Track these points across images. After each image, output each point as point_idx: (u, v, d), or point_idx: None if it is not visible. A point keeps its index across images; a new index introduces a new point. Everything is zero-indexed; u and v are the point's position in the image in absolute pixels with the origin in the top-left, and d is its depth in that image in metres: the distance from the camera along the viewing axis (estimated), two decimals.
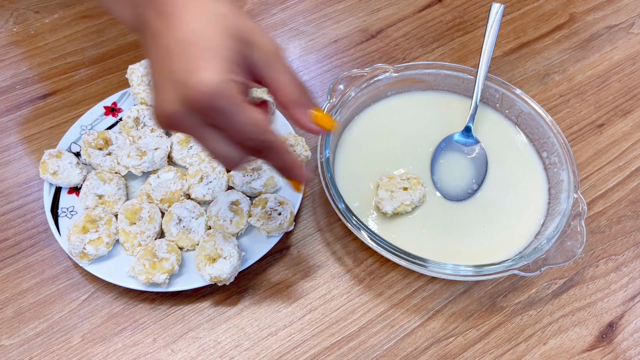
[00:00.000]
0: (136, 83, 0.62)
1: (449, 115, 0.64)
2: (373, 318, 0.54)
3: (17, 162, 0.62)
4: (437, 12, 0.79)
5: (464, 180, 0.59)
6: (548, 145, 0.60)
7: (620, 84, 0.72)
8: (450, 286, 0.56)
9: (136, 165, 0.57)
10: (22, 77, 0.69)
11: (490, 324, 0.54)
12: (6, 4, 0.76)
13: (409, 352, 0.52)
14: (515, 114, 0.63)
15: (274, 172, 0.58)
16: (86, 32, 0.74)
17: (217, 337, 0.52)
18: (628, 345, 0.54)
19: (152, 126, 0.61)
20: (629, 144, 0.67)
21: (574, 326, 0.54)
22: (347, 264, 0.57)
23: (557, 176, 0.58)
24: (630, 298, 0.56)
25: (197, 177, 0.57)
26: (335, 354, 0.52)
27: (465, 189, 0.59)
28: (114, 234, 0.54)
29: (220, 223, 0.55)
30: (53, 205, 0.56)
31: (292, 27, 0.76)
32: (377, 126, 0.63)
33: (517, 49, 0.76)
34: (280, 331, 0.53)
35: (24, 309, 0.53)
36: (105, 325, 0.52)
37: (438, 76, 0.65)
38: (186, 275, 0.53)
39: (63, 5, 0.76)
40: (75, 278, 0.55)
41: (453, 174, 0.60)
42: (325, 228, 0.59)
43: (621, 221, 0.61)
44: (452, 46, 0.75)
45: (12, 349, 0.51)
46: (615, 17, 0.80)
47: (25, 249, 0.56)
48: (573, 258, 0.51)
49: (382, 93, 0.64)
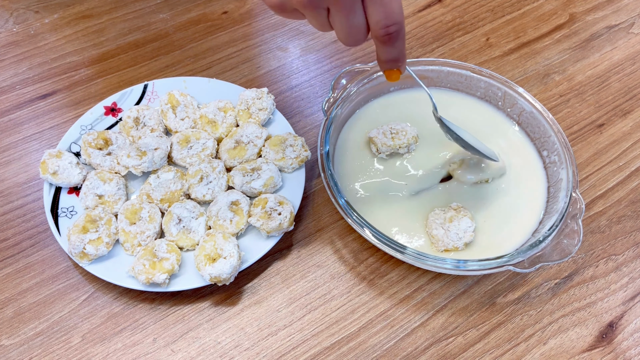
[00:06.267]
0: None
1: (450, 113, 0.64)
2: (373, 318, 0.54)
3: (17, 162, 0.62)
4: (437, 12, 0.79)
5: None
6: (548, 144, 0.60)
7: (620, 84, 0.72)
8: (450, 286, 0.56)
9: (136, 165, 0.57)
10: (22, 77, 0.69)
11: (490, 324, 0.54)
12: (6, 4, 0.76)
13: (409, 352, 0.52)
14: (517, 113, 0.63)
15: (273, 172, 0.58)
16: (86, 32, 0.74)
17: (217, 337, 0.52)
18: (628, 345, 0.54)
19: (152, 126, 0.61)
20: (629, 144, 0.67)
21: (574, 326, 0.54)
22: (347, 264, 0.57)
23: (556, 175, 0.58)
24: (630, 298, 0.56)
25: (197, 177, 0.57)
26: (335, 354, 0.52)
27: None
28: (114, 234, 0.54)
29: (220, 223, 0.55)
30: (53, 205, 0.56)
31: (292, 27, 0.76)
32: (378, 121, 0.63)
33: (517, 48, 0.76)
34: (280, 331, 0.53)
35: (24, 309, 0.53)
36: (105, 325, 0.52)
37: (441, 73, 0.65)
38: (186, 275, 0.53)
39: (63, 5, 0.76)
40: (75, 278, 0.55)
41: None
42: (325, 228, 0.59)
43: (621, 221, 0.61)
44: (452, 46, 0.75)
45: (12, 349, 0.51)
46: (615, 17, 0.80)
47: (25, 249, 0.56)
48: (569, 256, 0.51)
49: (384, 88, 0.65)
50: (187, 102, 0.63)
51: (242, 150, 0.59)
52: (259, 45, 0.74)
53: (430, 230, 0.55)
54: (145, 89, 0.65)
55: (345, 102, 0.61)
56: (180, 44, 0.73)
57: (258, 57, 0.73)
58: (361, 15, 0.40)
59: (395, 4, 0.39)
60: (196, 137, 0.60)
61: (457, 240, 0.54)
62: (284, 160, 0.59)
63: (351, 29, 0.41)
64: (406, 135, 0.60)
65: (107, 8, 0.76)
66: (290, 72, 0.72)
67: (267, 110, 0.63)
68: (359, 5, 0.40)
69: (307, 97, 0.69)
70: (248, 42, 0.74)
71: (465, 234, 0.54)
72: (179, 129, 0.62)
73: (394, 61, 0.44)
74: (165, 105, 0.62)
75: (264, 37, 0.75)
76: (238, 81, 0.69)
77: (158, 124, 0.62)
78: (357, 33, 0.41)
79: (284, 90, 0.70)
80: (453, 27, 0.77)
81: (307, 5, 0.39)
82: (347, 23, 0.40)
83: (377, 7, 0.39)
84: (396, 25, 0.40)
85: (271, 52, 0.73)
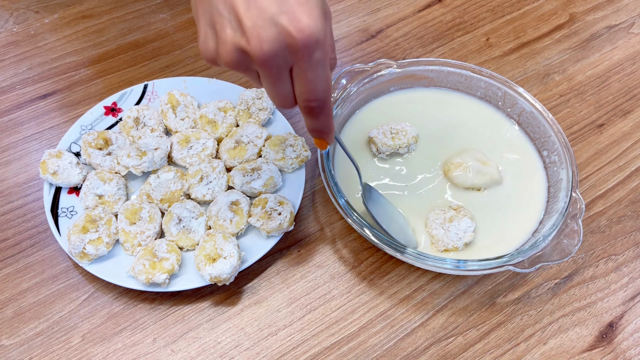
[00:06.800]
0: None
1: (451, 113, 0.64)
2: (373, 318, 0.54)
3: (17, 162, 0.62)
4: (437, 12, 0.79)
5: None
6: (549, 144, 0.60)
7: (620, 84, 0.72)
8: (450, 286, 0.56)
9: (136, 165, 0.57)
10: (22, 77, 0.69)
11: (490, 324, 0.54)
12: (6, 4, 0.76)
13: (409, 352, 0.52)
14: (517, 113, 0.63)
15: (273, 172, 0.58)
16: (86, 32, 0.74)
17: (217, 337, 0.52)
18: (628, 345, 0.54)
19: (152, 126, 0.61)
20: (629, 144, 0.67)
21: (574, 326, 0.54)
22: (347, 264, 0.57)
23: (556, 175, 0.58)
24: (630, 298, 0.56)
25: (197, 177, 0.57)
26: (335, 354, 0.52)
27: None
28: (114, 234, 0.54)
29: (220, 223, 0.55)
30: (53, 205, 0.56)
31: None
32: (378, 121, 0.63)
33: (517, 48, 0.76)
34: (280, 331, 0.53)
35: (24, 309, 0.53)
36: (105, 325, 0.52)
37: (441, 73, 0.65)
38: (186, 275, 0.53)
39: (63, 5, 0.76)
40: (75, 278, 0.55)
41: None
42: (325, 228, 0.59)
43: (621, 221, 0.61)
44: (452, 46, 0.75)
45: (12, 349, 0.51)
46: (615, 17, 0.80)
47: (25, 249, 0.56)
48: (569, 256, 0.51)
49: (384, 88, 0.65)
50: (187, 102, 0.63)
51: (242, 150, 0.59)
52: None
53: (430, 230, 0.55)
54: (145, 89, 0.65)
55: (345, 102, 0.61)
56: (180, 44, 0.73)
57: None
58: (288, 84, 0.40)
59: (319, 81, 0.39)
60: (196, 137, 0.60)
61: (457, 241, 0.54)
62: (284, 160, 0.59)
63: (278, 96, 0.40)
64: (406, 135, 0.60)
65: (107, 8, 0.76)
66: None
67: (267, 110, 0.63)
68: (286, 75, 0.39)
69: None
70: None
71: (465, 234, 0.54)
72: (179, 129, 0.62)
73: (319, 132, 0.44)
74: (165, 105, 0.62)
75: None
76: (238, 81, 0.69)
77: (158, 124, 0.61)
78: (284, 100, 0.41)
79: None
80: (453, 27, 0.77)
81: (235, 68, 0.39)
82: (274, 90, 0.40)
83: (301, 82, 0.39)
84: (317, 101, 0.40)
85: None
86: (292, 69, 0.39)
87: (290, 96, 0.41)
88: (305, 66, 0.38)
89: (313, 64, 0.37)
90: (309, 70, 0.38)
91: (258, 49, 0.36)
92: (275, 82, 0.39)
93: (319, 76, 0.38)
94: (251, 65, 0.39)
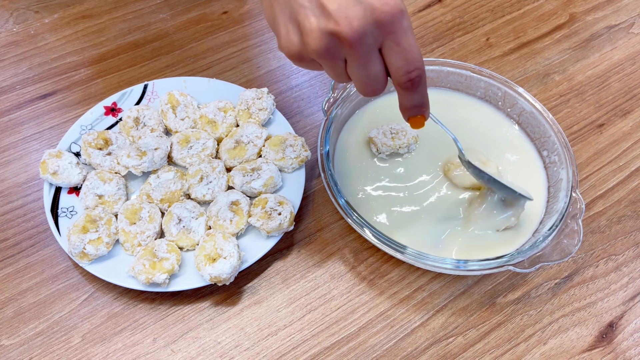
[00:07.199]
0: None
1: (450, 113, 0.64)
2: (373, 318, 0.54)
3: (17, 162, 0.62)
4: (437, 12, 0.79)
5: None
6: (549, 144, 0.60)
7: (620, 84, 0.72)
8: (450, 286, 0.56)
9: (136, 165, 0.57)
10: (22, 77, 0.69)
11: (490, 324, 0.54)
12: (6, 4, 0.76)
13: (409, 352, 0.52)
14: (517, 113, 0.63)
15: (273, 172, 0.58)
16: (86, 32, 0.74)
17: (217, 337, 0.52)
18: (628, 345, 0.54)
19: (152, 126, 0.61)
20: (629, 144, 0.67)
21: (574, 326, 0.54)
22: (347, 264, 0.57)
23: (556, 175, 0.58)
24: (630, 298, 0.56)
25: (197, 177, 0.57)
26: (335, 354, 0.52)
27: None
28: (114, 234, 0.54)
29: (220, 223, 0.55)
30: (53, 205, 0.56)
31: None
32: (378, 121, 0.63)
33: (517, 48, 0.76)
34: (280, 331, 0.53)
35: (24, 309, 0.53)
36: (105, 325, 0.52)
37: (441, 73, 0.65)
38: (186, 275, 0.53)
39: (63, 5, 0.76)
40: (75, 278, 0.55)
41: None
42: (325, 228, 0.59)
43: (621, 221, 0.61)
44: (452, 46, 0.75)
45: (12, 349, 0.51)
46: (615, 17, 0.80)
47: (25, 249, 0.56)
48: (569, 256, 0.51)
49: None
50: (187, 102, 0.63)
51: (242, 150, 0.59)
52: (259, 45, 0.74)
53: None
54: (145, 89, 0.65)
55: (345, 102, 0.61)
56: (180, 44, 0.73)
57: (258, 57, 0.73)
58: (379, 64, 0.40)
59: (415, 50, 0.39)
60: (196, 137, 0.60)
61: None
62: (284, 160, 0.59)
63: (369, 78, 0.40)
64: (406, 135, 0.60)
65: (107, 8, 0.76)
66: (290, 72, 0.72)
67: (267, 110, 0.63)
68: (376, 53, 0.39)
69: (307, 97, 0.69)
70: (248, 42, 0.74)
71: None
72: (179, 129, 0.62)
73: (418, 107, 0.43)
74: (165, 105, 0.62)
75: (264, 37, 0.75)
76: (238, 81, 0.69)
77: (158, 124, 0.62)
78: (375, 82, 0.41)
79: (284, 90, 0.70)
80: (453, 27, 0.77)
81: (324, 56, 0.39)
82: (364, 73, 0.40)
83: (398, 54, 0.39)
84: (418, 70, 0.40)
85: (271, 52, 0.73)
86: (382, 48, 0.39)
87: (382, 78, 0.41)
88: (399, 36, 0.38)
89: (406, 33, 0.38)
90: (403, 39, 0.38)
91: (348, 28, 0.37)
92: (366, 63, 0.39)
93: (413, 44, 0.39)
94: (340, 51, 0.39)
